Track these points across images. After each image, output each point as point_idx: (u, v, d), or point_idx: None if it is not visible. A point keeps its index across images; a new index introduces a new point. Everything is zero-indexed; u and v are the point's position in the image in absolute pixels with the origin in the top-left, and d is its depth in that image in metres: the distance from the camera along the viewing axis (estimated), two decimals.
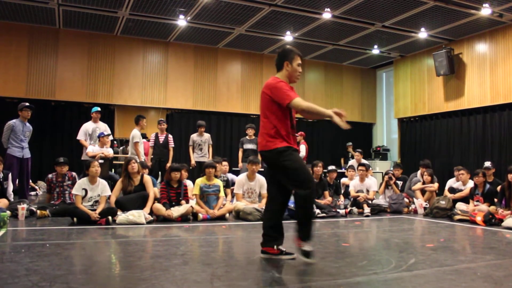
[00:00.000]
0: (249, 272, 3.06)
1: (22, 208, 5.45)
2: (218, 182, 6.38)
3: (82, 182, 5.68)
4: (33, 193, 8.92)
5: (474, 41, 11.06)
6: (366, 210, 6.87)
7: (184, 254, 3.66)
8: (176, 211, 5.67)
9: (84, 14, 9.99)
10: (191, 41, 12.05)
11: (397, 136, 13.85)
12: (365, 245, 4.58)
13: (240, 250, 4.18)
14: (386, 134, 14.64)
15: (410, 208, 7.44)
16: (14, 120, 6.82)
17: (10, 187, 6.08)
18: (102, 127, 7.93)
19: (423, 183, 7.68)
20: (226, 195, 6.76)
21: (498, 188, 6.47)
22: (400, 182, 8.12)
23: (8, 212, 5.10)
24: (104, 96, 11.40)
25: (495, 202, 6.52)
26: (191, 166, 8.55)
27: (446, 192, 7.44)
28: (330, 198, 7.29)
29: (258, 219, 5.72)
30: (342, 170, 10.82)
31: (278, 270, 3.09)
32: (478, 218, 5.93)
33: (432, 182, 7.63)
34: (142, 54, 11.88)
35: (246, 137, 9.02)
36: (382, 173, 11.24)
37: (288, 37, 11.31)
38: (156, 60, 12.05)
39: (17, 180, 6.70)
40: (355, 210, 7.04)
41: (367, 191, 7.42)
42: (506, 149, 10.25)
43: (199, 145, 8.78)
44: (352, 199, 7.30)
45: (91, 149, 7.45)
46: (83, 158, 7.56)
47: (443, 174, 10.73)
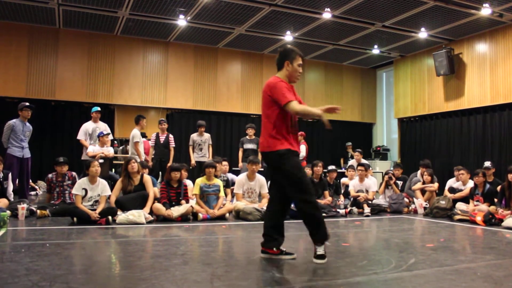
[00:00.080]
0: (249, 272, 3.06)
1: (22, 208, 5.45)
2: (218, 182, 6.38)
3: (82, 182, 5.68)
4: (33, 193, 8.92)
5: (474, 41, 11.06)
6: (366, 210, 6.87)
7: (184, 254, 3.66)
8: (176, 211, 5.67)
9: (84, 14, 9.99)
10: (191, 41, 12.05)
11: (397, 136, 13.85)
12: (365, 245, 4.58)
13: (240, 250, 4.17)
14: (386, 134, 14.64)
15: (410, 208, 7.44)
16: (14, 120, 6.82)
17: (10, 187, 6.08)
18: (102, 127, 7.93)
19: (423, 183, 7.68)
20: (226, 195, 6.75)
21: (498, 188, 6.47)
22: (400, 182, 8.12)
23: (8, 212, 5.10)
24: (104, 96, 11.41)
25: (495, 202, 6.52)
26: (191, 166, 8.55)
27: (446, 192, 7.44)
28: (330, 198, 7.29)
29: (258, 219, 5.72)
30: (342, 170, 10.82)
31: (278, 270, 3.09)
32: (478, 218, 5.93)
33: (432, 182, 7.63)
34: (142, 54, 11.88)
35: (246, 137, 9.02)
36: (382, 173, 11.24)
37: (288, 37, 11.31)
38: (156, 60, 12.05)
39: (17, 180, 6.71)
40: (355, 210, 7.04)
41: (367, 191, 7.42)
42: (506, 149, 10.25)
43: (199, 145, 8.78)
44: (352, 199, 7.30)
45: (92, 149, 7.46)
46: (83, 158, 7.56)
47: (443, 174, 10.73)
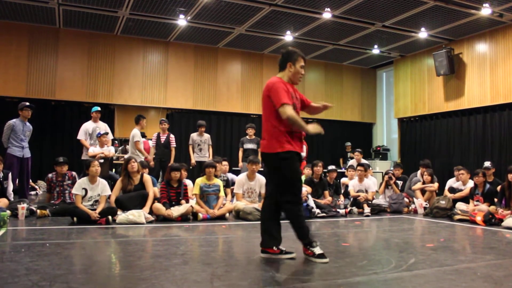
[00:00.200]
0: (249, 272, 3.06)
1: (22, 207, 5.45)
2: (218, 182, 6.38)
3: (82, 182, 5.68)
4: (33, 192, 8.92)
5: (474, 41, 11.06)
6: (366, 210, 6.87)
7: (184, 253, 3.66)
8: (176, 211, 5.67)
9: (84, 13, 9.99)
10: (191, 40, 12.05)
11: (397, 136, 13.85)
12: (365, 245, 4.58)
13: (240, 250, 4.18)
14: (386, 134, 14.65)
15: (410, 208, 7.44)
16: (14, 119, 6.82)
17: (10, 187, 6.08)
18: (102, 127, 7.93)
19: (423, 183, 7.67)
20: (226, 195, 6.75)
21: (498, 188, 6.47)
22: (400, 182, 8.12)
23: (8, 211, 5.09)
24: (104, 95, 11.41)
25: (495, 202, 6.52)
26: (191, 166, 8.55)
27: (446, 192, 7.44)
28: (330, 198, 7.30)
29: (258, 219, 5.68)
30: (342, 170, 10.81)
31: (278, 270, 3.09)
32: (478, 218, 5.93)
33: (432, 182, 7.63)
34: (142, 54, 11.88)
35: (246, 136, 9.02)
36: (382, 173, 11.24)
37: (288, 37, 11.31)
38: (156, 59, 12.05)
39: (17, 179, 6.71)
40: (355, 210, 7.04)
41: (366, 192, 7.41)
42: (506, 149, 10.25)
43: (199, 145, 8.76)
44: (352, 199, 7.30)
45: (92, 150, 7.46)
46: (83, 157, 7.56)
47: (443, 174, 10.73)
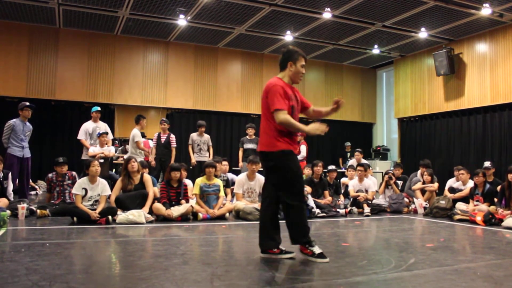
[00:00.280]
0: (249, 271, 3.06)
1: (22, 207, 5.45)
2: (218, 182, 6.38)
3: (82, 182, 5.68)
4: (33, 192, 8.91)
5: (474, 41, 11.06)
6: (366, 210, 6.87)
7: (184, 253, 3.66)
8: (176, 211, 5.67)
9: (84, 13, 9.99)
10: (191, 40, 12.05)
11: (397, 136, 13.85)
12: (365, 244, 4.58)
13: (240, 249, 4.18)
14: (386, 134, 14.64)
15: (410, 208, 7.43)
16: (15, 119, 6.82)
17: (10, 187, 6.08)
18: (102, 127, 7.93)
19: (423, 183, 7.67)
20: (226, 195, 6.76)
21: (498, 188, 6.47)
22: (400, 182, 8.12)
23: (8, 211, 5.09)
24: (104, 95, 11.41)
25: (495, 202, 6.52)
26: (191, 166, 8.54)
27: (446, 192, 7.44)
28: (330, 197, 7.30)
29: (258, 219, 5.70)
30: (342, 170, 10.81)
31: (278, 270, 3.09)
32: (478, 218, 5.93)
33: (432, 182, 7.63)
34: (142, 54, 11.88)
35: (247, 136, 9.02)
36: (382, 173, 11.24)
37: (288, 36, 11.31)
38: (156, 59, 12.05)
39: (17, 179, 6.71)
40: (355, 210, 7.04)
41: (366, 191, 7.41)
42: (506, 149, 10.25)
43: (198, 145, 8.75)
44: (352, 199, 7.30)
45: (92, 149, 7.46)
46: (83, 157, 7.56)
47: (443, 174, 10.73)
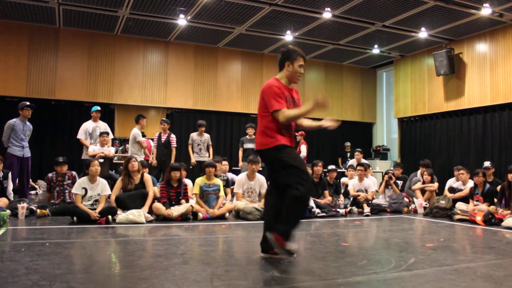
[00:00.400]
0: (249, 271, 3.05)
1: (22, 207, 5.45)
2: (218, 182, 6.38)
3: (82, 181, 5.68)
4: (33, 192, 8.92)
5: (474, 40, 11.05)
6: (366, 209, 6.87)
7: (184, 253, 3.66)
8: (176, 211, 5.67)
9: (84, 13, 9.99)
10: (191, 40, 12.05)
11: (397, 135, 13.85)
12: (365, 244, 4.58)
13: (240, 249, 4.17)
14: (386, 134, 14.64)
15: (410, 207, 7.44)
16: (15, 119, 6.83)
17: (10, 186, 6.08)
18: (102, 126, 7.94)
19: (423, 183, 7.68)
20: (226, 195, 6.76)
21: (498, 188, 6.47)
22: (400, 182, 8.12)
23: (8, 211, 5.09)
24: (104, 95, 11.41)
25: (495, 202, 6.52)
26: (191, 165, 8.54)
27: (446, 191, 7.44)
28: (330, 197, 7.29)
29: (258, 219, 5.72)
30: (342, 170, 10.81)
31: (278, 270, 3.09)
32: (478, 218, 5.93)
33: (432, 181, 7.63)
34: (142, 54, 11.88)
35: (246, 136, 9.02)
36: (382, 172, 11.24)
37: (288, 36, 11.30)
38: (156, 59, 12.04)
39: (17, 179, 6.71)
40: (355, 209, 7.04)
41: (366, 191, 7.41)
42: (506, 149, 10.24)
43: (198, 145, 8.75)
44: (352, 199, 7.30)
45: (92, 149, 7.46)
46: (83, 157, 7.56)
47: (443, 174, 10.72)
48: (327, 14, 9.72)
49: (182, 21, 10.34)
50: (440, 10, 9.36)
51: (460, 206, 6.68)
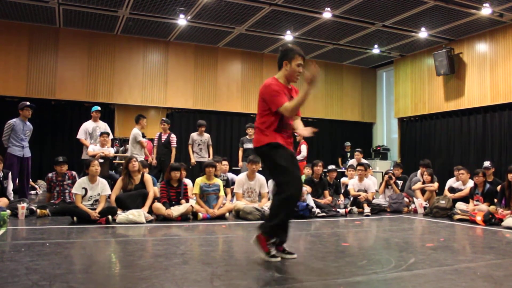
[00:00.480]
0: (249, 271, 3.05)
1: (22, 207, 5.45)
2: (218, 182, 6.38)
3: (82, 181, 5.68)
4: (33, 192, 8.92)
5: (474, 40, 11.05)
6: (366, 209, 6.87)
7: (184, 253, 3.66)
8: (176, 210, 5.67)
9: (84, 13, 9.99)
10: (191, 40, 12.05)
11: (397, 135, 13.85)
12: (365, 244, 4.58)
13: (240, 249, 4.17)
14: (386, 134, 14.64)
15: (410, 207, 7.44)
16: (15, 119, 6.83)
17: (10, 186, 6.08)
18: (102, 126, 7.94)
19: (423, 183, 7.68)
20: (226, 195, 6.76)
21: (498, 187, 6.47)
22: (400, 182, 8.12)
23: (8, 211, 5.09)
24: (104, 95, 11.41)
25: (495, 202, 6.52)
26: (191, 165, 8.54)
27: (446, 191, 7.44)
28: (330, 197, 7.30)
29: (258, 219, 5.72)
30: (342, 170, 10.81)
31: (278, 270, 3.09)
32: (478, 218, 5.93)
33: (432, 181, 7.63)
34: (142, 54, 11.88)
35: (246, 136, 9.02)
36: (382, 172, 11.24)
37: (288, 36, 11.30)
38: (156, 59, 12.04)
39: (17, 179, 6.71)
40: (355, 209, 7.04)
41: (366, 191, 7.41)
42: (506, 149, 10.24)
43: (198, 145, 8.75)
44: (352, 199, 7.30)
45: (92, 148, 7.46)
46: (83, 157, 7.56)
47: (443, 174, 10.72)
48: (327, 14, 9.72)
49: (182, 21, 10.34)
50: (440, 10, 9.36)
51: (460, 206, 6.68)
